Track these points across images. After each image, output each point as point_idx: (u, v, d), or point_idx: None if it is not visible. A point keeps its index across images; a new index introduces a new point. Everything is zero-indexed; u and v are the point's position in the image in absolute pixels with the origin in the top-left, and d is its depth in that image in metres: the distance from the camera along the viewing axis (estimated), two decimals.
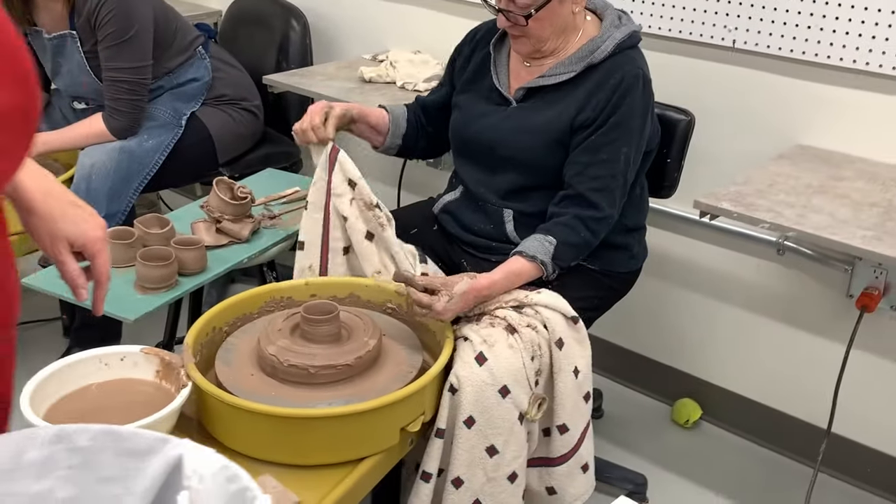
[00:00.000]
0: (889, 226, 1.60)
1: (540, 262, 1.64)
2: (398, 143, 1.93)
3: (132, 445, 0.77)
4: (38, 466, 0.76)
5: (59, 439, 0.77)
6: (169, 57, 2.29)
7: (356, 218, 1.71)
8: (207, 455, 0.77)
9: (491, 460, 1.51)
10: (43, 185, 1.05)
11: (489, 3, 1.72)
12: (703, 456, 2.28)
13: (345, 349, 1.49)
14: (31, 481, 0.75)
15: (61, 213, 1.06)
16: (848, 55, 1.88)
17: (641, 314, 2.42)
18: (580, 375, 1.63)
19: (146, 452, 0.77)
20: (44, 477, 0.76)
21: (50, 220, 1.05)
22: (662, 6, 2.10)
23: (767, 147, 2.01)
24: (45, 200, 1.04)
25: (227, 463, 0.76)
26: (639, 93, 1.69)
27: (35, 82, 0.78)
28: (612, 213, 1.71)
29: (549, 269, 1.65)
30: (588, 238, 1.69)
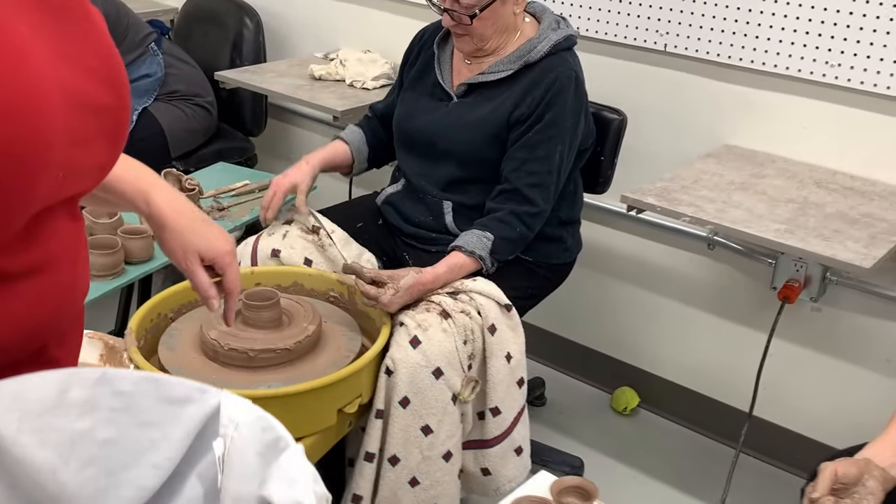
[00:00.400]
0: (801, 220, 1.70)
1: (478, 256, 1.72)
2: (365, 167, 2.02)
3: (172, 393, 0.81)
4: (81, 405, 0.78)
5: (103, 382, 0.79)
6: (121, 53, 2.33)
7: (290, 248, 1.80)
8: (244, 405, 0.80)
9: (426, 439, 1.59)
10: (175, 203, 1.13)
11: (434, 3, 1.80)
12: (639, 441, 2.37)
13: (284, 334, 1.56)
14: (74, 418, 0.78)
15: (192, 229, 1.13)
16: (773, 60, 1.98)
17: (583, 306, 2.52)
18: (513, 361, 1.71)
19: (184, 400, 0.81)
20: (86, 416, 0.78)
21: (181, 234, 1.13)
22: (599, 10, 2.19)
23: (697, 146, 2.12)
24: (177, 217, 1.12)
25: (262, 413, 0.79)
26: (571, 93, 1.77)
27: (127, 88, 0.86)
28: (547, 207, 1.79)
29: (487, 264, 1.74)
30: (524, 232, 1.77)
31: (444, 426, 1.60)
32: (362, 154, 1.99)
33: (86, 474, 0.78)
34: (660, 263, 2.35)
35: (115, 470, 0.79)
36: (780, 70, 1.98)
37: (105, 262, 1.67)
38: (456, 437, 1.63)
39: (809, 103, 1.99)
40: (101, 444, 0.78)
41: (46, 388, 0.77)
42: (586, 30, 2.22)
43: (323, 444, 1.54)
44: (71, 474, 0.77)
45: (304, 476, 0.73)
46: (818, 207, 1.77)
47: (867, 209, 1.78)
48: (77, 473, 0.77)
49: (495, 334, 1.69)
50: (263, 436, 0.78)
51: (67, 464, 0.77)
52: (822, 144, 2.00)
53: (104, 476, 0.78)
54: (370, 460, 1.59)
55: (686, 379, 2.40)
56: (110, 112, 0.86)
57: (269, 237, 1.82)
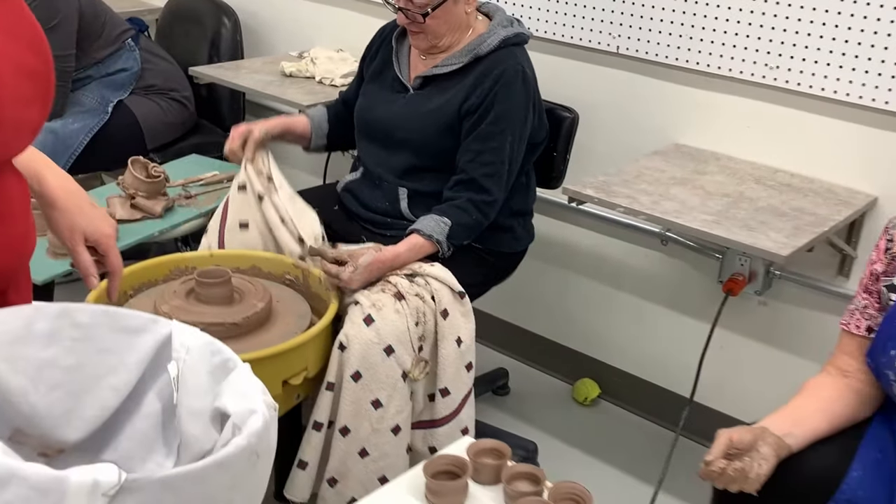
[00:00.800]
0: (731, 212, 1.78)
1: (436, 240, 1.80)
2: (323, 143, 2.11)
3: (126, 323, 0.90)
4: (45, 336, 0.88)
5: (64, 315, 0.89)
6: (97, 48, 2.43)
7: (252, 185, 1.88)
8: (194, 332, 0.89)
9: (376, 413, 1.67)
10: (65, 184, 1.19)
11: (389, 3, 1.89)
12: (597, 430, 2.43)
13: (234, 310, 1.64)
14: (40, 348, 0.88)
15: (79, 211, 1.18)
16: (717, 62, 2.07)
17: (546, 300, 2.60)
18: (463, 345, 1.79)
19: (138, 330, 0.90)
20: (50, 346, 0.88)
21: (70, 214, 1.18)
22: (556, 13, 2.28)
23: (647, 144, 2.20)
24: (67, 197, 1.18)
25: (210, 339, 0.89)
26: (519, 86, 1.86)
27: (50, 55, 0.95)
28: (501, 197, 1.88)
29: (444, 248, 1.82)
30: (479, 219, 1.86)
31: (394, 401, 1.68)
32: (321, 130, 2.09)
33: (53, 397, 0.87)
34: (617, 259, 2.43)
35: (78, 392, 0.88)
36: (723, 72, 2.07)
37: None
38: (405, 412, 1.71)
39: (753, 104, 2.08)
40: (65, 371, 0.87)
41: (14, 321, 0.86)
42: (544, 31, 2.31)
43: None
44: (40, 397, 0.86)
45: (254, 389, 0.82)
46: (751, 202, 1.85)
47: (799, 204, 1.86)
48: (45, 396, 0.87)
49: (447, 319, 1.76)
50: (213, 358, 0.87)
51: (37, 388, 0.86)
52: (764, 143, 2.08)
53: (69, 398, 0.88)
54: (318, 429, 1.67)
55: (643, 370, 2.48)
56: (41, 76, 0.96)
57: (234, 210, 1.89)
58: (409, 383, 1.71)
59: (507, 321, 2.69)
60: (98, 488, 0.63)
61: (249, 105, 2.96)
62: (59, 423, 0.88)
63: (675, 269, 2.33)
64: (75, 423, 0.89)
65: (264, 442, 0.75)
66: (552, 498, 1.26)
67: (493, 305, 2.70)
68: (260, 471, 0.76)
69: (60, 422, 0.88)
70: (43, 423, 0.88)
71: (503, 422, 2.42)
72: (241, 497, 0.73)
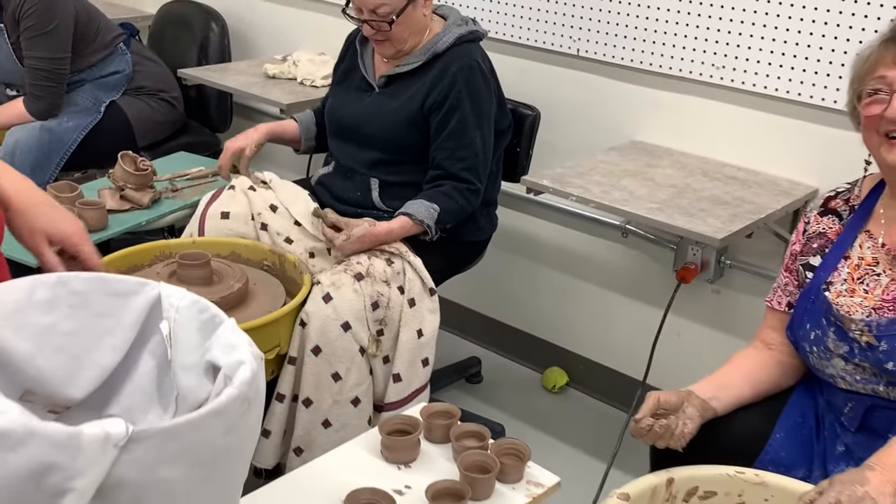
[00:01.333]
0: (675, 202, 1.92)
1: (427, 225, 1.94)
2: (312, 144, 2.27)
3: (118, 287, 0.96)
4: (46, 304, 0.93)
5: (60, 283, 0.94)
6: (91, 52, 2.58)
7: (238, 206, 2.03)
8: (180, 292, 0.95)
9: (335, 385, 1.80)
10: (19, 186, 1.18)
11: (354, 17, 2.02)
12: (564, 415, 2.56)
13: (212, 290, 1.77)
14: (42, 315, 0.92)
15: (37, 211, 1.17)
16: (670, 63, 2.21)
17: (517, 293, 2.73)
18: (423, 338, 1.91)
19: (129, 293, 0.96)
20: (51, 312, 0.93)
21: (25, 215, 1.16)
22: (521, 18, 2.43)
23: (606, 141, 2.34)
24: (20, 199, 1.16)
25: (197, 297, 0.95)
26: (479, 80, 2.00)
27: None
28: (482, 186, 2.02)
29: (432, 232, 1.96)
30: (464, 205, 2.00)
31: (352, 374, 1.81)
32: (310, 132, 2.23)
33: (57, 359, 0.94)
34: (582, 252, 2.57)
35: (79, 354, 0.95)
36: (675, 72, 2.21)
37: None
38: (364, 385, 1.84)
39: (703, 102, 2.22)
40: (66, 334, 0.94)
41: (15, 292, 0.93)
42: (510, 35, 2.46)
43: None
44: (45, 360, 0.93)
45: (241, 342, 0.88)
46: (696, 192, 1.99)
47: (741, 194, 2.00)
48: (50, 359, 0.93)
49: (413, 308, 1.89)
50: (200, 315, 0.94)
51: (42, 351, 0.93)
52: (714, 139, 2.22)
53: (72, 360, 0.95)
54: (280, 400, 1.80)
55: (607, 358, 2.61)
56: None
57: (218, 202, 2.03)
58: (368, 358, 1.84)
59: (480, 312, 2.82)
60: (109, 440, 0.69)
61: (236, 106, 3.11)
62: (65, 383, 0.95)
63: (635, 260, 2.47)
64: (79, 382, 0.95)
65: (254, 390, 0.82)
66: (493, 451, 1.39)
67: (466, 297, 2.84)
68: (252, 417, 0.83)
69: (65, 382, 0.95)
70: (49, 384, 0.94)
71: (476, 408, 2.54)
72: (235, 441, 0.80)
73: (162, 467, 0.72)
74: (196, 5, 3.10)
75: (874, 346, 1.38)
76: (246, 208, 2.02)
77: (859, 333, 1.39)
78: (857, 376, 1.42)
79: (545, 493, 1.40)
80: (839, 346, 1.42)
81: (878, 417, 1.42)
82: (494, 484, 1.36)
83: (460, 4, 2.53)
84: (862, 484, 1.21)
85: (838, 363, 1.43)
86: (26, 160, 2.41)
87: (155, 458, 0.72)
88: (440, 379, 2.59)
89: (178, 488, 0.74)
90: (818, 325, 1.45)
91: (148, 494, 0.73)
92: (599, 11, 2.29)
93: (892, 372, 1.37)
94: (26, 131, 2.44)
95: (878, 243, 1.46)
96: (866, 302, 1.42)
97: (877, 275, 1.44)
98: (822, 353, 1.45)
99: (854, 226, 1.50)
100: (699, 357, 2.39)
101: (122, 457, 0.70)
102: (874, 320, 1.39)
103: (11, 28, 2.46)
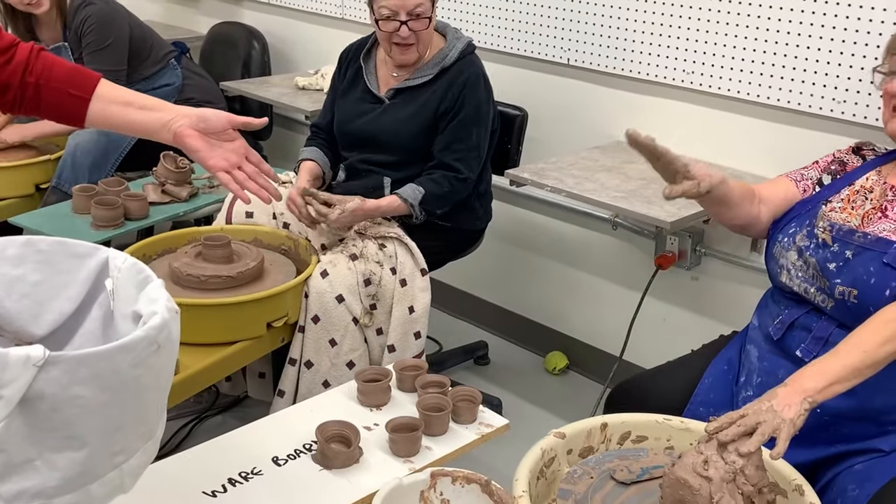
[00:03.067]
0: (641, 192, 2.14)
1: (410, 204, 2.20)
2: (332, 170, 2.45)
3: (76, 250, 1.13)
4: (15, 259, 1.10)
5: (28, 244, 1.12)
6: (145, 66, 2.94)
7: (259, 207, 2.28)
8: (124, 256, 1.14)
9: (332, 349, 2.07)
10: None
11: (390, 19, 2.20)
12: (563, 394, 2.78)
13: (231, 266, 2.07)
14: (11, 268, 1.10)
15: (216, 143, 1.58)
16: (646, 70, 2.44)
17: (520, 282, 2.98)
18: (414, 314, 2.17)
19: (85, 255, 1.12)
20: (20, 266, 1.11)
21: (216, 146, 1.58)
22: (519, 31, 2.69)
23: (592, 140, 2.57)
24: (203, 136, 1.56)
25: (135, 261, 1.11)
26: (481, 86, 2.28)
27: None
28: (471, 175, 2.28)
29: (416, 211, 2.22)
30: (450, 191, 2.25)
31: (347, 340, 2.08)
32: (325, 161, 2.41)
33: (23, 304, 1.14)
34: (578, 244, 2.80)
35: (42, 301, 1.15)
36: (650, 77, 2.44)
37: (106, 214, 2.23)
38: (358, 351, 2.11)
39: (679, 105, 2.44)
40: (32, 285, 1.14)
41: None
42: (506, 46, 2.72)
43: (257, 350, 2.04)
44: (12, 303, 1.13)
45: (161, 297, 1.06)
46: (663, 184, 2.19)
47: None
48: (17, 303, 1.13)
49: (404, 287, 2.16)
50: (137, 275, 1.12)
51: (10, 296, 1.13)
52: (688, 138, 2.43)
53: (35, 305, 1.15)
54: (293, 364, 2.09)
55: (603, 342, 2.82)
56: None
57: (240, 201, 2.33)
58: (362, 327, 2.11)
59: (488, 301, 3.08)
60: (30, 360, 0.84)
61: (277, 117, 3.44)
62: (28, 323, 1.13)
63: (624, 251, 2.68)
64: (41, 323, 1.13)
65: (164, 335, 0.96)
66: (451, 396, 1.64)
67: (476, 287, 3.09)
68: (162, 357, 0.97)
69: (29, 322, 1.13)
70: (16, 323, 1.13)
71: (483, 387, 2.77)
72: (145, 374, 0.94)
73: (74, 386, 0.87)
74: (241, 26, 3.46)
75: (827, 245, 1.55)
76: (269, 208, 2.32)
77: (822, 231, 1.57)
78: (801, 273, 1.59)
79: (493, 433, 1.63)
80: (803, 240, 1.59)
81: (793, 336, 1.59)
82: (448, 421, 1.61)
83: (461, 20, 2.80)
84: (769, 399, 1.32)
85: (792, 255, 1.60)
86: (85, 160, 2.77)
87: (69, 379, 0.86)
88: (451, 359, 2.85)
89: (88, 404, 0.89)
90: (800, 224, 1.63)
91: (63, 407, 0.87)
92: (585, 24, 2.54)
93: (829, 273, 1.53)
94: (86, 135, 2.80)
95: (882, 179, 1.62)
96: (848, 217, 1.58)
97: (866, 199, 1.60)
98: (786, 243, 1.62)
99: (870, 166, 1.67)
100: (681, 339, 2.57)
101: (40, 374, 0.85)
102: (837, 224, 1.56)
103: (74, 45, 2.84)
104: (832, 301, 1.54)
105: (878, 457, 1.49)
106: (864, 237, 1.53)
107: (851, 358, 1.39)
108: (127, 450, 0.96)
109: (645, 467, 1.48)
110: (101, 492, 0.95)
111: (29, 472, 0.89)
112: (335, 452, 1.47)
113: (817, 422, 1.52)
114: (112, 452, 0.94)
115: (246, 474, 1.45)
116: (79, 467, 0.91)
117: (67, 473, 0.90)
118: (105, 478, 0.94)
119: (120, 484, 0.97)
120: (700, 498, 1.28)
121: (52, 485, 0.90)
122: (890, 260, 1.49)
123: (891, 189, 1.59)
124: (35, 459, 0.89)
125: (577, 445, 1.53)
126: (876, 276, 1.49)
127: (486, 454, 1.86)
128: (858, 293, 1.51)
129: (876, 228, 1.54)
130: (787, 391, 1.34)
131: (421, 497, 1.38)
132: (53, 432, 0.88)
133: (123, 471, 0.96)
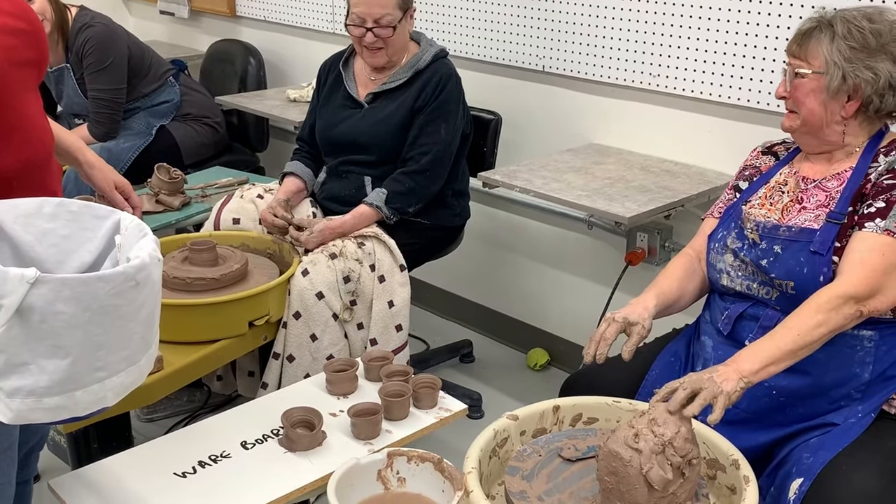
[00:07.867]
0: (604, 190, 2.24)
1: (376, 206, 2.32)
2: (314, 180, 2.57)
3: (98, 213, 1.34)
4: (50, 215, 1.31)
5: (61, 205, 1.33)
6: (145, 84, 3.09)
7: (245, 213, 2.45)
8: (131, 217, 1.35)
9: (313, 344, 2.19)
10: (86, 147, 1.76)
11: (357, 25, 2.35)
12: (544, 390, 2.84)
13: (216, 269, 2.19)
14: (46, 221, 1.31)
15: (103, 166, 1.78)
16: (616, 74, 2.54)
17: (503, 282, 3.08)
18: (394, 308, 2.28)
19: (104, 216, 1.35)
20: (53, 221, 1.31)
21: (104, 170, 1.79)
22: (497, 41, 2.81)
23: (566, 143, 2.67)
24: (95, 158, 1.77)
25: (140, 222, 1.34)
26: (452, 86, 2.40)
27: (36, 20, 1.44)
28: (432, 167, 2.36)
29: (385, 212, 2.34)
30: (412, 186, 2.36)
31: (327, 335, 2.19)
32: (308, 174, 2.53)
33: (51, 251, 1.34)
34: (556, 244, 2.89)
35: (68, 251, 1.36)
36: (618, 81, 2.54)
37: None
38: (338, 346, 2.22)
39: (646, 107, 2.53)
40: (61, 238, 1.35)
41: (30, 204, 1.36)
42: (483, 55, 2.84)
43: (240, 348, 2.15)
44: (42, 250, 1.34)
45: (147, 247, 1.25)
46: (626, 182, 2.30)
47: (666, 183, 2.29)
48: (46, 250, 1.34)
49: (383, 283, 2.27)
50: (139, 233, 1.31)
51: (41, 243, 1.34)
52: (655, 138, 2.53)
53: (62, 253, 1.35)
54: (276, 358, 2.20)
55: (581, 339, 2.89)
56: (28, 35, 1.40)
57: (227, 209, 2.47)
58: (342, 323, 2.22)
59: (472, 300, 3.18)
60: (24, 278, 1.07)
61: (273, 130, 3.58)
62: (55, 268, 1.32)
63: (599, 249, 2.77)
64: (64, 269, 1.33)
65: (142, 274, 1.16)
66: (412, 384, 1.74)
67: (460, 287, 3.20)
68: (143, 294, 1.17)
69: (55, 267, 1.32)
70: (44, 266, 1.31)
71: (468, 384, 2.88)
72: (126, 306, 1.14)
73: (58, 303, 1.09)
74: (238, 43, 3.61)
75: (757, 244, 1.64)
76: (255, 214, 2.44)
77: (750, 232, 1.66)
78: (740, 272, 1.68)
79: (452, 417, 1.73)
80: (734, 242, 1.69)
81: (742, 326, 1.67)
82: (409, 406, 1.71)
83: (438, 30, 2.92)
84: (710, 372, 1.43)
85: (728, 258, 1.70)
86: None
87: (54, 296, 1.09)
88: (437, 358, 2.96)
89: (70, 321, 1.11)
90: (728, 228, 1.72)
91: (49, 319, 1.09)
92: (558, 32, 2.64)
93: (765, 269, 1.62)
94: None
95: (794, 170, 1.71)
96: (769, 213, 1.68)
97: (782, 193, 1.69)
98: (719, 248, 1.72)
99: (783, 162, 1.76)
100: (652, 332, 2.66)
101: (31, 290, 1.07)
102: (762, 222, 1.65)
103: (76, 66, 3.00)
104: (776, 291, 1.64)
105: (831, 430, 1.58)
106: (789, 230, 1.62)
107: (785, 340, 1.49)
108: (108, 368, 1.16)
109: (591, 445, 1.57)
110: (86, 399, 1.16)
111: (24, 373, 1.11)
112: (299, 436, 1.58)
113: (774, 403, 1.62)
114: (95, 367, 1.15)
115: (215, 457, 1.56)
116: (64, 373, 1.12)
117: (55, 377, 1.12)
118: (89, 388, 1.15)
119: (103, 396, 1.17)
120: (631, 469, 1.37)
121: (43, 385, 1.12)
122: (816, 248, 1.57)
123: (803, 179, 1.67)
124: (30, 363, 1.11)
125: (531, 427, 1.62)
126: (807, 266, 1.58)
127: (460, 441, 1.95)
128: (795, 284, 1.60)
129: (798, 220, 1.63)
130: (727, 370, 1.45)
131: (378, 476, 1.49)
132: (43, 340, 1.10)
133: (106, 385, 1.17)
